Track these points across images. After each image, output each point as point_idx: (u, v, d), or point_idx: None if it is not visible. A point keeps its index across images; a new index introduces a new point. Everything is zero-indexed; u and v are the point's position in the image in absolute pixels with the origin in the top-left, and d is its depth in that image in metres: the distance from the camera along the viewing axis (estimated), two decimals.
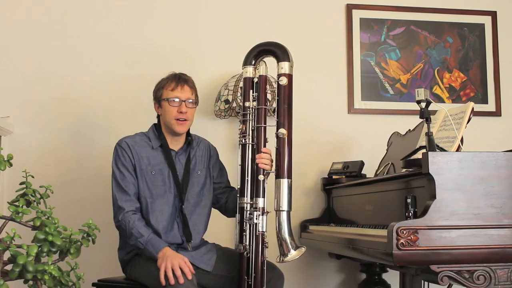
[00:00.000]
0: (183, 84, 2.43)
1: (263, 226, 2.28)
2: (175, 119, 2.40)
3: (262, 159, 2.31)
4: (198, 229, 2.44)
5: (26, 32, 3.14)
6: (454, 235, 1.86)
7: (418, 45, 3.45)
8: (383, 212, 2.38)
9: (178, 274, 2.12)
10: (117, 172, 2.38)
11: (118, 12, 3.22)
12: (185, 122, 2.41)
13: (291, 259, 2.22)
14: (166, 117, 2.42)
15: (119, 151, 2.40)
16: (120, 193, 2.35)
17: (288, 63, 2.36)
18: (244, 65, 2.43)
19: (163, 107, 2.43)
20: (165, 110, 2.42)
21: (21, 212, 1.79)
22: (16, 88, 3.09)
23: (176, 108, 2.40)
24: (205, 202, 2.49)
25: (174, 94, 2.40)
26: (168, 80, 2.45)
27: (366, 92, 3.36)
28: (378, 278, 3.01)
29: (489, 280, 1.88)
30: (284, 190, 2.26)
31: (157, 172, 2.40)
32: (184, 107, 2.40)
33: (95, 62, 3.16)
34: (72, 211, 2.89)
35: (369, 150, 3.19)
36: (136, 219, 2.30)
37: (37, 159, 3.03)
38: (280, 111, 2.33)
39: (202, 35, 3.27)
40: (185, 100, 2.41)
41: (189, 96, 2.43)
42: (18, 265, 1.69)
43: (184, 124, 2.42)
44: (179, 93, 2.41)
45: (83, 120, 3.12)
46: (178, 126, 2.41)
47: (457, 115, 2.25)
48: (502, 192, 1.92)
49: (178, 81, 2.43)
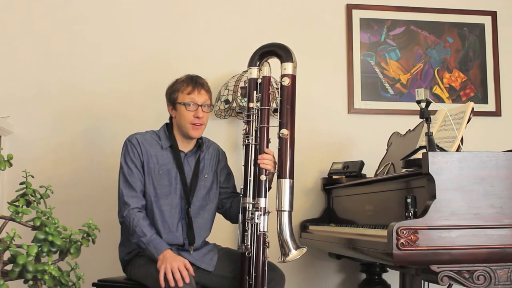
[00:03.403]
0: (200, 88, 2.40)
1: (265, 226, 2.28)
2: (190, 124, 2.37)
3: (264, 159, 2.31)
4: (202, 233, 2.44)
5: (27, 33, 3.14)
6: (454, 235, 1.86)
7: (418, 45, 3.45)
8: (383, 212, 2.38)
9: (177, 277, 2.12)
10: (125, 167, 2.37)
11: (119, 15, 3.22)
12: (200, 126, 2.39)
13: (292, 259, 2.22)
14: (181, 120, 2.39)
15: (129, 147, 2.39)
16: (127, 188, 2.34)
17: (292, 64, 2.36)
18: (249, 66, 2.43)
19: (178, 111, 2.40)
20: (181, 114, 2.39)
21: (21, 212, 1.79)
22: (16, 88, 3.09)
23: (193, 113, 2.37)
24: (210, 206, 2.48)
25: (191, 98, 2.38)
26: (184, 83, 2.41)
27: (366, 92, 3.36)
28: (378, 278, 3.01)
29: (489, 280, 1.87)
30: (285, 190, 2.26)
31: (164, 172, 2.39)
32: (200, 112, 2.37)
33: (95, 62, 3.17)
34: (72, 211, 2.89)
35: (369, 150, 3.19)
36: (141, 217, 2.30)
37: (37, 159, 3.03)
38: (283, 111, 2.33)
39: (202, 35, 3.27)
40: (202, 105, 2.38)
41: (205, 100, 2.40)
42: (18, 265, 1.69)
43: (199, 129, 2.40)
44: (196, 97, 2.38)
45: (83, 120, 3.12)
46: (194, 130, 2.39)
47: (457, 115, 2.25)
48: (502, 192, 1.92)
49: (195, 85, 2.40)
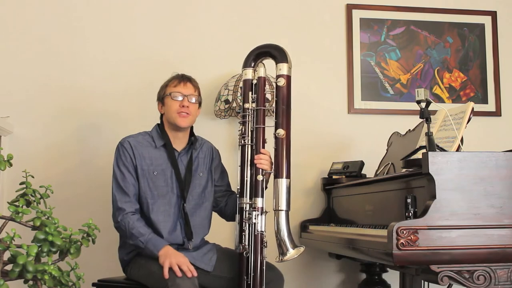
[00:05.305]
0: (186, 81, 2.45)
1: (262, 226, 2.28)
2: (177, 113, 2.40)
3: (261, 159, 2.32)
4: (199, 231, 2.44)
5: (26, 33, 3.14)
6: (454, 235, 1.86)
7: (418, 45, 3.45)
8: (383, 212, 2.38)
9: (185, 269, 2.14)
10: (118, 172, 2.38)
11: (117, 14, 3.22)
12: (187, 116, 2.41)
13: (289, 258, 2.22)
14: (169, 112, 2.42)
15: (121, 151, 2.40)
16: (120, 194, 2.35)
17: (287, 65, 2.36)
18: (244, 67, 2.44)
19: (165, 103, 2.44)
20: (168, 106, 2.43)
21: (21, 212, 1.79)
22: (16, 88, 3.09)
23: (178, 102, 2.40)
24: (206, 205, 2.49)
25: (177, 90, 2.42)
26: (171, 79, 2.48)
27: (366, 92, 3.36)
28: (378, 278, 3.01)
29: (489, 280, 1.87)
30: (282, 190, 2.26)
31: (159, 172, 2.40)
32: (186, 101, 2.41)
33: (95, 63, 3.17)
34: (72, 211, 2.89)
35: (369, 150, 3.19)
36: (135, 219, 2.31)
37: (37, 159, 3.03)
38: (279, 111, 2.34)
39: (202, 35, 3.27)
40: (188, 95, 2.42)
41: (191, 92, 2.44)
42: (18, 265, 1.68)
43: (186, 117, 2.41)
44: (182, 88, 2.43)
45: (83, 120, 3.12)
46: (180, 119, 2.40)
47: (457, 115, 2.25)
48: (502, 192, 1.92)
49: (181, 79, 2.46)
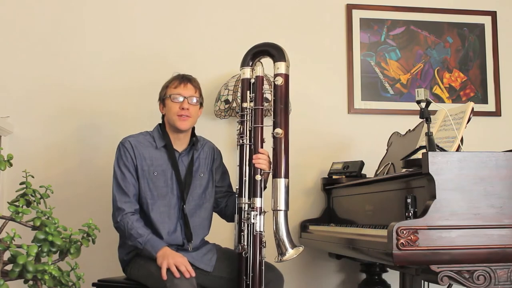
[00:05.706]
0: (186, 82, 2.44)
1: (261, 226, 2.28)
2: (177, 115, 2.39)
3: (259, 159, 2.32)
4: (199, 232, 2.44)
5: (27, 33, 3.14)
6: (454, 235, 1.86)
7: (418, 45, 3.45)
8: (383, 212, 2.38)
9: (183, 269, 2.13)
10: (118, 172, 2.38)
11: (117, 14, 3.22)
12: (187, 118, 2.40)
13: (288, 258, 2.21)
14: (169, 114, 2.42)
15: (122, 151, 2.40)
16: (120, 194, 2.35)
17: (284, 63, 2.35)
18: (242, 66, 2.43)
19: (166, 105, 2.44)
20: (168, 107, 2.42)
21: (21, 212, 1.79)
22: (16, 88, 3.09)
23: (179, 104, 2.39)
24: (207, 205, 2.48)
25: (177, 91, 2.41)
26: (172, 79, 2.47)
27: (366, 92, 3.36)
28: (378, 278, 3.01)
29: (489, 280, 1.87)
30: (281, 189, 2.26)
31: (159, 173, 2.40)
32: (186, 103, 2.39)
33: (95, 63, 3.16)
34: (72, 211, 2.90)
35: (369, 150, 3.19)
36: (135, 220, 2.30)
37: (37, 159, 3.03)
38: (277, 111, 2.33)
39: (202, 35, 3.27)
40: (188, 97, 2.41)
41: (192, 94, 2.42)
42: (18, 265, 1.68)
43: (186, 120, 2.40)
44: (182, 90, 2.41)
45: (83, 120, 3.12)
46: (180, 122, 2.39)
47: (457, 115, 2.25)
48: (502, 192, 1.92)
49: (182, 79, 2.44)
